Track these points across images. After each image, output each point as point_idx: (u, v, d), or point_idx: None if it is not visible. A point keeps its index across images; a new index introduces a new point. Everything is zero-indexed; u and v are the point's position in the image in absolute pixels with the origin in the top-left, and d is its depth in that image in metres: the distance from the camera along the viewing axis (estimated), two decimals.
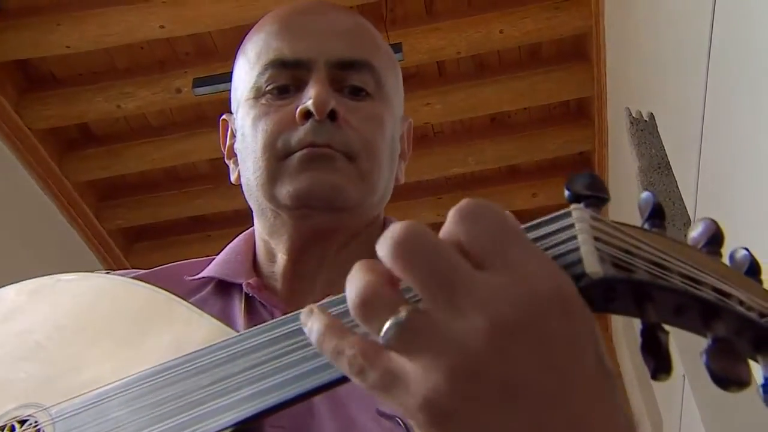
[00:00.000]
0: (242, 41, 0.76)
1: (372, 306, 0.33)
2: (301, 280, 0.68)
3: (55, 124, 3.14)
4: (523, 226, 0.35)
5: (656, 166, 2.76)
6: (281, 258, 0.70)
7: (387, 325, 0.32)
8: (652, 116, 2.62)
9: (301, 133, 0.66)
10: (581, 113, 3.46)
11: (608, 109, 3.18)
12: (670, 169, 2.54)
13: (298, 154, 0.66)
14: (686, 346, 0.77)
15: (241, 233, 0.78)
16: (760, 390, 0.30)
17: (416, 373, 0.32)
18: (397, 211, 3.71)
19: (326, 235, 0.68)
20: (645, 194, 0.35)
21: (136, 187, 3.56)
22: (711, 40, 1.83)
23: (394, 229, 0.33)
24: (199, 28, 2.87)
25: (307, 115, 0.66)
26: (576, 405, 0.31)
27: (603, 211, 0.36)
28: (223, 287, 0.69)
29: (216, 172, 3.40)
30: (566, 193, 0.35)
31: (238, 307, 0.67)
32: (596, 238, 0.32)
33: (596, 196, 0.34)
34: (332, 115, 0.66)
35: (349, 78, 0.69)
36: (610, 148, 3.30)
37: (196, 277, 0.70)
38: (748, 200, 1.75)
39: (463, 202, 0.34)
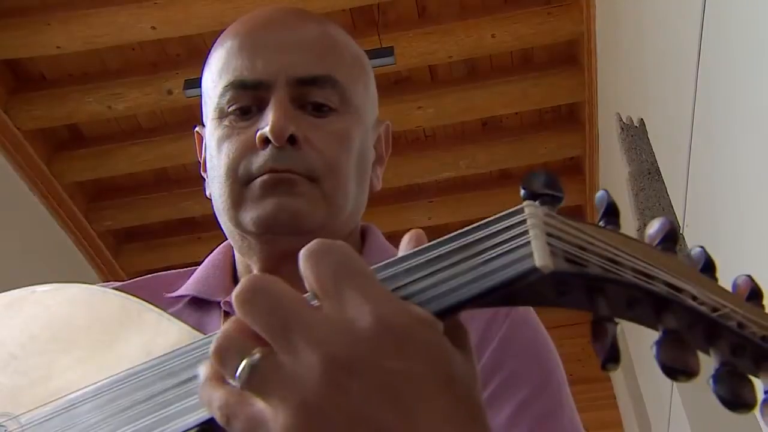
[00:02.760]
0: (209, 52, 0.74)
1: (227, 350, 0.35)
2: None
3: (44, 125, 3.14)
4: (477, 223, 0.35)
5: (646, 171, 2.77)
6: None
7: (240, 367, 0.34)
8: (642, 122, 2.63)
9: (261, 158, 0.65)
10: (572, 118, 3.47)
11: (599, 114, 3.19)
12: (659, 174, 2.55)
13: (258, 180, 0.65)
14: None
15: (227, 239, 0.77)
16: (711, 381, 0.30)
17: (270, 415, 0.33)
18: (390, 215, 3.72)
19: (296, 256, 0.67)
20: (600, 193, 0.35)
21: (126, 188, 3.56)
22: (700, 47, 1.84)
23: (241, 282, 0.35)
24: (190, 29, 2.87)
25: (266, 140, 0.65)
26: None
27: (589, 214, 0.36)
28: (202, 303, 0.70)
29: None
30: (522, 191, 0.35)
31: (217, 323, 0.67)
32: (549, 234, 0.33)
33: (551, 195, 0.35)
34: (291, 139, 0.65)
35: (310, 94, 0.68)
36: (601, 153, 3.31)
37: (175, 294, 0.70)
38: (737, 206, 1.76)
39: (311, 243, 0.36)
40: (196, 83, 3.06)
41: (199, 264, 0.76)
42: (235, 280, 0.72)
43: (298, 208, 0.65)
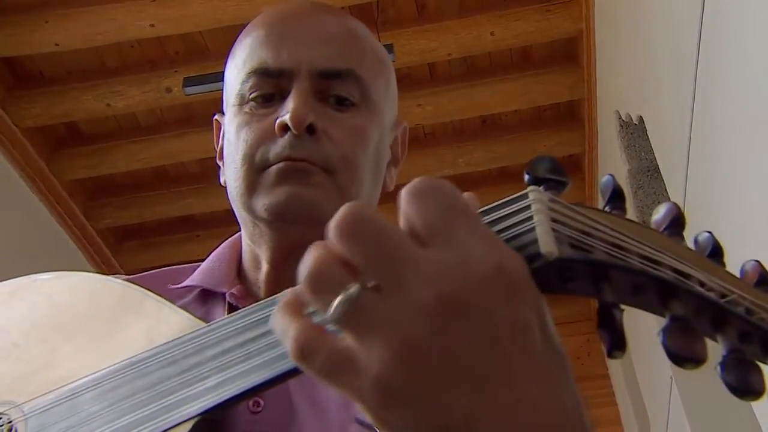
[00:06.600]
0: (234, 43, 0.75)
1: (322, 280, 0.33)
2: (284, 288, 0.68)
3: (43, 123, 3.12)
4: (480, 209, 0.35)
5: (645, 169, 2.77)
6: (265, 266, 0.69)
7: (336, 301, 0.32)
8: (641, 120, 2.63)
9: (278, 146, 0.66)
10: (572, 116, 3.47)
11: (598, 112, 3.19)
12: (659, 172, 2.55)
13: (274, 168, 0.66)
14: None
15: (230, 234, 0.77)
16: (718, 368, 0.30)
17: (365, 353, 0.31)
18: (390, 213, 3.71)
19: (306, 246, 0.67)
20: (606, 177, 0.35)
21: (125, 186, 3.55)
22: (699, 44, 1.83)
23: (341, 210, 0.33)
24: (189, 27, 2.86)
25: (285, 128, 0.65)
26: (520, 384, 0.31)
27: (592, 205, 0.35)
28: (207, 295, 0.69)
29: (206, 171, 3.39)
30: (526, 177, 0.35)
31: (221, 315, 0.66)
32: (554, 220, 0.32)
33: (556, 180, 0.34)
34: (310, 129, 0.65)
35: (332, 88, 0.68)
36: (600, 150, 3.31)
37: (180, 285, 0.70)
38: (736, 203, 1.76)
39: (415, 180, 0.34)
40: (195, 81, 3.05)
41: (202, 261, 0.76)
42: (240, 274, 0.72)
43: (311, 198, 0.65)
